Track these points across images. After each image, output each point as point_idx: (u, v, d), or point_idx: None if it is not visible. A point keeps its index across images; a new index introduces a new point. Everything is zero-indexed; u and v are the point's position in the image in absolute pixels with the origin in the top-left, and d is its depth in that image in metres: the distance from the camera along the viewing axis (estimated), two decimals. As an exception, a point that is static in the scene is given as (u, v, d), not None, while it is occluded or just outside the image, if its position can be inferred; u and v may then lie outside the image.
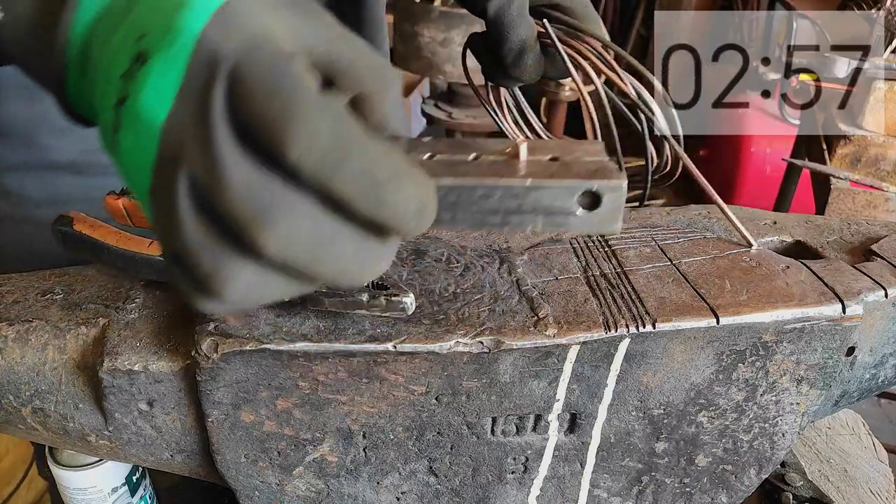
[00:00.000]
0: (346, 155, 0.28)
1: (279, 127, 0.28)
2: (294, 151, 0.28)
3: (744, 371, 0.53)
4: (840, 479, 0.71)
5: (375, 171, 0.28)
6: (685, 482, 0.58)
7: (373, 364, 0.47)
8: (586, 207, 0.32)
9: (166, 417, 0.51)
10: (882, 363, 0.60)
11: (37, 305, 0.52)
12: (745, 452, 0.57)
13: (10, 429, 0.53)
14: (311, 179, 0.28)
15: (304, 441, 0.51)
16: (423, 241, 0.57)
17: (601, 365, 0.50)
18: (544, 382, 0.50)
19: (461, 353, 0.47)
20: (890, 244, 0.61)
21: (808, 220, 0.66)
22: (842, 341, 0.53)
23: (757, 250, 0.58)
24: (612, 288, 0.52)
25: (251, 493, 0.53)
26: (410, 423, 0.51)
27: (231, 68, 0.29)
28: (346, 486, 0.54)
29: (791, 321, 0.50)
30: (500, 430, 0.53)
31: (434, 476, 0.54)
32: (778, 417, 0.56)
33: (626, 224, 0.62)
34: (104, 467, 0.63)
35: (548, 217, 0.32)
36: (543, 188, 0.32)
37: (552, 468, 0.56)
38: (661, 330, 0.49)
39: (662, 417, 0.54)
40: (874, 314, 0.55)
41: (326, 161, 0.28)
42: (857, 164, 1.42)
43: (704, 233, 0.60)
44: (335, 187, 0.28)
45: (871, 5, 1.63)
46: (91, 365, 0.49)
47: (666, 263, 0.55)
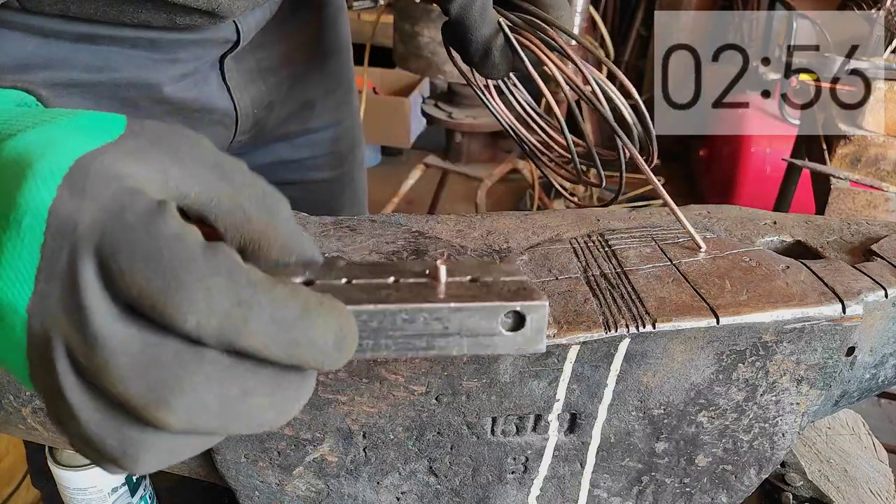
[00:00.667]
0: (248, 309, 0.26)
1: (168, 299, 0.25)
2: (191, 320, 0.25)
3: (744, 371, 0.53)
4: (840, 479, 0.71)
5: (283, 315, 0.26)
6: (685, 482, 0.58)
7: (373, 364, 0.47)
8: (510, 329, 0.32)
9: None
10: (882, 363, 0.60)
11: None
12: (745, 452, 0.57)
13: (10, 429, 0.53)
14: (214, 342, 0.26)
15: (304, 441, 0.51)
16: (422, 241, 0.57)
17: (601, 365, 0.50)
18: (544, 382, 0.50)
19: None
20: (890, 244, 0.61)
21: (808, 220, 0.66)
22: (842, 341, 0.53)
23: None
24: (612, 288, 0.52)
25: (251, 493, 0.53)
26: (410, 423, 0.51)
27: (98, 241, 0.26)
28: (346, 486, 0.54)
29: (791, 321, 0.50)
30: (500, 430, 0.53)
31: (434, 476, 0.54)
32: (778, 417, 0.56)
33: (626, 224, 0.62)
34: (104, 467, 0.63)
35: (473, 339, 0.32)
36: (467, 310, 0.31)
37: (552, 468, 0.56)
38: (661, 330, 0.49)
39: (662, 417, 0.54)
40: (874, 314, 0.55)
41: (228, 321, 0.26)
42: (857, 164, 1.42)
43: (705, 233, 0.60)
44: (242, 343, 0.26)
45: (871, 5, 1.63)
46: (91, 365, 0.49)
47: (666, 263, 0.55)
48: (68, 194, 0.26)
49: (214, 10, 0.59)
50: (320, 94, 0.88)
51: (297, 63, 0.82)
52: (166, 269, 0.25)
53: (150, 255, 0.26)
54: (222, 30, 0.67)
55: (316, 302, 0.27)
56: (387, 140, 3.34)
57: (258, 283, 0.27)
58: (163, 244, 0.26)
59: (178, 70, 0.66)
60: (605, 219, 0.63)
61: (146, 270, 0.25)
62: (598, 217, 0.64)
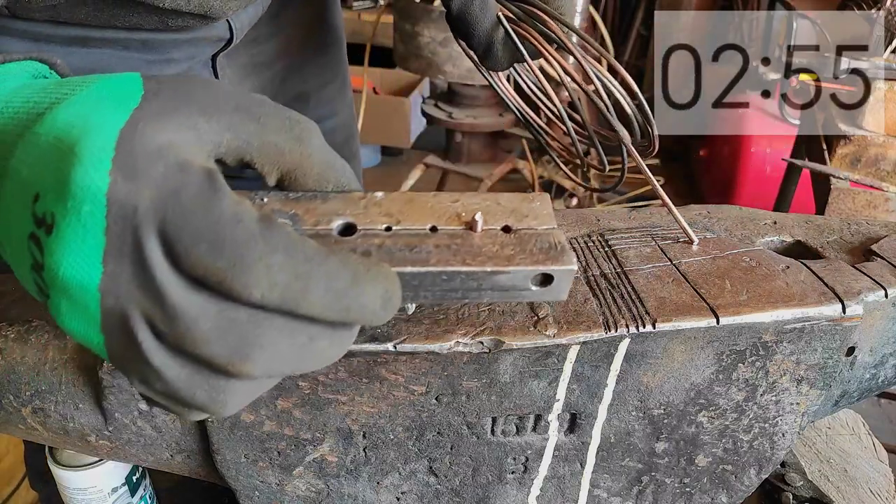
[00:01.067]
0: (306, 281, 0.29)
1: (233, 277, 0.28)
2: (255, 294, 0.28)
3: (744, 371, 0.53)
4: (840, 479, 0.71)
5: (337, 285, 0.29)
6: (685, 482, 0.58)
7: (373, 364, 0.47)
8: (539, 285, 0.35)
9: (166, 417, 0.51)
10: (882, 363, 0.60)
11: (37, 305, 0.52)
12: (745, 452, 0.57)
13: (10, 429, 0.53)
14: (277, 310, 0.29)
15: (304, 441, 0.51)
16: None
17: (601, 365, 0.50)
18: (544, 382, 0.50)
19: (461, 353, 0.47)
20: (890, 244, 0.61)
21: (808, 220, 0.66)
22: (842, 341, 0.53)
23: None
24: (612, 288, 0.52)
25: (251, 493, 0.53)
26: (410, 423, 0.51)
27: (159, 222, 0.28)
28: (346, 486, 0.54)
29: (791, 321, 0.50)
30: (500, 430, 0.53)
31: (434, 476, 0.54)
32: (778, 417, 0.56)
33: (626, 224, 0.62)
34: (104, 467, 0.63)
35: (504, 293, 0.35)
36: (504, 273, 0.34)
37: (552, 468, 0.56)
38: (661, 330, 0.49)
39: (662, 417, 0.54)
40: (874, 314, 0.55)
41: (289, 293, 0.28)
42: (857, 164, 1.42)
43: (705, 233, 0.60)
44: (302, 311, 0.29)
45: (871, 5, 1.63)
46: (91, 365, 0.49)
47: (666, 263, 0.55)
48: (122, 178, 0.28)
49: (206, 13, 0.59)
50: (315, 86, 0.89)
51: (291, 56, 0.83)
52: (228, 251, 0.27)
53: (211, 238, 0.28)
54: (215, 28, 0.67)
55: (364, 269, 0.30)
56: (387, 140, 3.34)
57: (313, 256, 0.29)
58: (223, 226, 0.28)
59: (172, 69, 0.66)
60: (605, 219, 0.63)
61: (210, 252, 0.27)
62: (598, 217, 0.64)
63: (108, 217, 0.28)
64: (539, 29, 0.61)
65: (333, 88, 0.93)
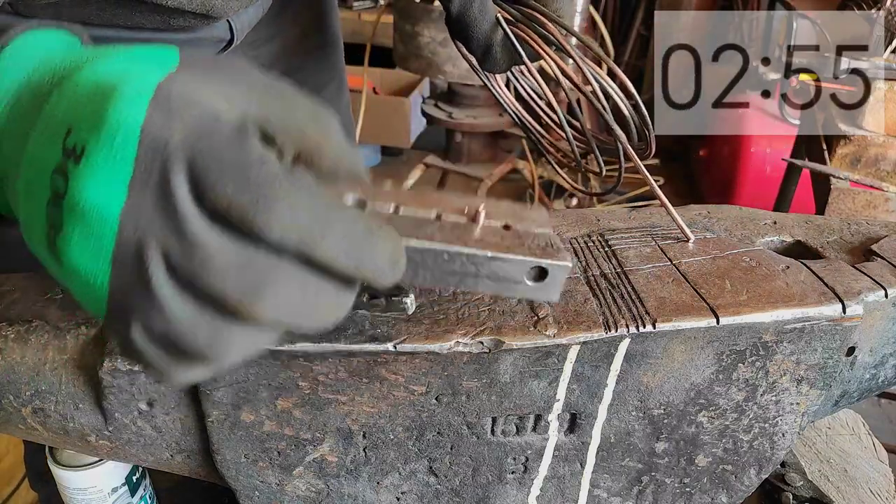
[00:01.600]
0: (325, 224, 0.29)
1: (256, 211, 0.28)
2: (276, 230, 0.29)
3: (744, 371, 0.53)
4: (840, 479, 0.71)
5: (353, 233, 0.30)
6: (685, 482, 0.58)
7: (373, 364, 0.47)
8: (533, 280, 0.36)
9: (166, 417, 0.51)
10: (882, 363, 0.60)
11: (37, 305, 0.52)
12: (745, 452, 0.57)
13: (10, 429, 0.53)
14: (294, 251, 0.29)
15: (304, 441, 0.51)
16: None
17: (601, 365, 0.50)
18: (544, 382, 0.50)
19: (461, 353, 0.47)
20: (890, 244, 0.61)
21: (808, 220, 0.66)
22: (842, 341, 0.53)
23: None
24: (612, 288, 0.52)
25: (251, 493, 0.53)
26: (410, 423, 0.51)
27: (189, 157, 0.29)
28: (346, 486, 0.54)
29: (791, 321, 0.50)
30: (500, 430, 0.53)
31: (434, 476, 0.54)
32: (778, 417, 0.56)
33: (626, 224, 0.62)
34: (104, 467, 0.63)
35: (498, 284, 0.36)
36: (501, 259, 0.35)
37: (552, 468, 0.56)
38: (661, 330, 0.49)
39: (662, 417, 0.54)
40: (874, 314, 0.55)
41: (307, 234, 0.29)
42: (857, 164, 1.42)
43: (704, 233, 0.60)
44: (318, 255, 0.30)
45: (871, 5, 1.63)
46: (91, 365, 0.49)
47: (666, 263, 0.55)
48: (158, 114, 0.29)
49: (208, 13, 0.60)
50: (312, 88, 0.89)
51: (290, 58, 0.83)
52: (254, 186, 0.28)
53: (239, 173, 0.28)
54: (216, 29, 0.67)
55: (377, 226, 0.31)
56: (387, 140, 3.34)
57: (333, 203, 0.30)
58: (251, 163, 0.29)
59: None
60: (605, 219, 0.63)
61: (236, 186, 0.28)
62: (597, 217, 0.64)
63: (139, 147, 0.28)
64: (538, 31, 0.61)
65: (331, 90, 0.93)
